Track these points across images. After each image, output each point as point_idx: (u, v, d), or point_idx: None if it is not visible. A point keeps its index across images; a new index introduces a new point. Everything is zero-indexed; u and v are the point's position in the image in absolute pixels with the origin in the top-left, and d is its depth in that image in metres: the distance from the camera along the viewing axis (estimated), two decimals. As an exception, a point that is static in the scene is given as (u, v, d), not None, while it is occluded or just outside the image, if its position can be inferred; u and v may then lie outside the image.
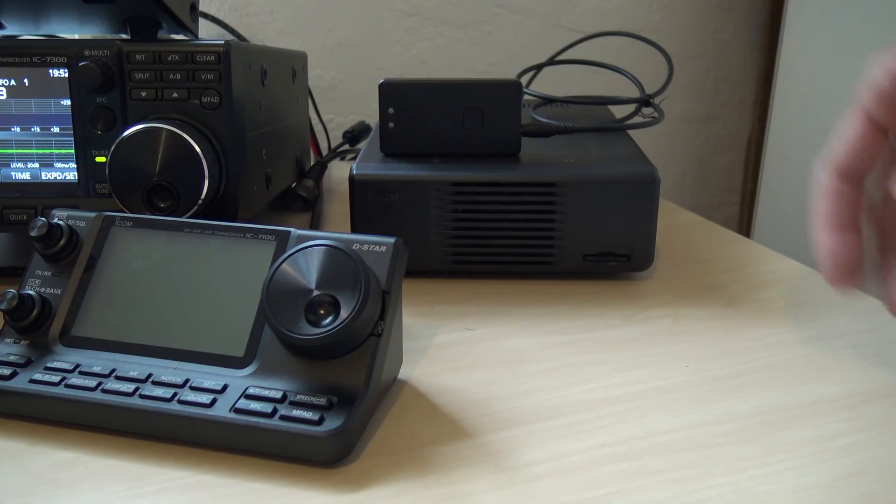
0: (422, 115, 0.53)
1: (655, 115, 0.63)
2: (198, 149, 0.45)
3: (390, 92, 0.53)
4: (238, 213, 0.49)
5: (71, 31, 0.59)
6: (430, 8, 1.06)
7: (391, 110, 0.53)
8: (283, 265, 0.34)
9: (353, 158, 0.72)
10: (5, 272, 0.50)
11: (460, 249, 0.52)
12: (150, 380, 0.34)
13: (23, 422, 0.34)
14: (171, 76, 0.46)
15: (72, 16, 0.51)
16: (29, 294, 0.36)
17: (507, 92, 0.52)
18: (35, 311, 0.36)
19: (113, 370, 0.34)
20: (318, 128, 0.93)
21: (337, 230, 0.37)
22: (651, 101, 0.64)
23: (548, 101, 0.71)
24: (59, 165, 0.48)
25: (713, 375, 0.39)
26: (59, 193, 0.48)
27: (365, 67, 1.07)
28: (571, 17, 1.11)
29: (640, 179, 0.50)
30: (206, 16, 0.95)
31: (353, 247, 0.35)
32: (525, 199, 0.50)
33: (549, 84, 0.79)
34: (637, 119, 0.64)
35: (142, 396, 0.33)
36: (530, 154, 0.54)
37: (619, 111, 0.70)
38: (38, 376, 0.34)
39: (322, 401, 0.32)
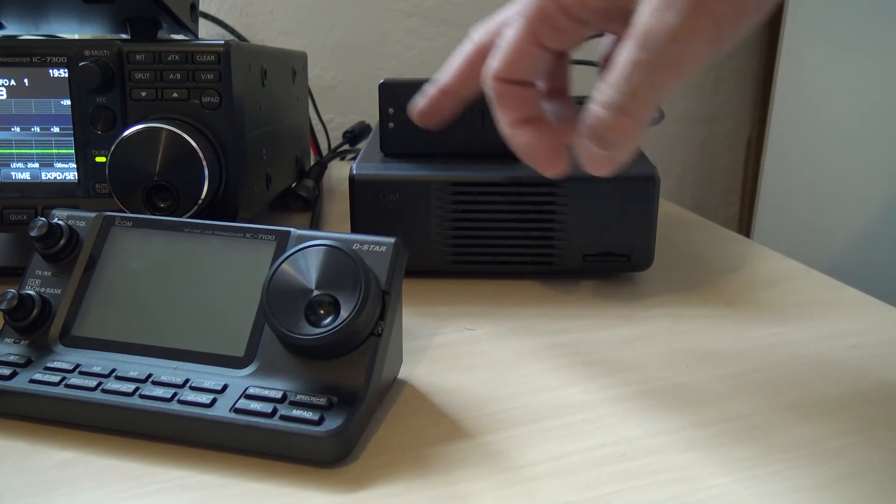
0: None
1: (655, 115, 0.63)
2: (198, 149, 0.45)
3: (390, 92, 0.53)
4: (238, 213, 0.49)
5: (71, 31, 0.59)
6: (430, 8, 1.06)
7: (391, 110, 0.53)
8: (283, 265, 0.34)
9: (353, 158, 0.72)
10: (5, 272, 0.50)
11: (460, 249, 0.52)
12: (150, 380, 0.34)
13: (23, 422, 0.34)
14: (171, 76, 0.46)
15: (72, 16, 0.51)
16: (29, 294, 0.36)
17: None
18: (35, 311, 0.36)
19: (113, 370, 0.34)
20: (318, 128, 0.93)
21: (337, 230, 0.37)
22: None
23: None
24: (59, 165, 0.48)
25: (713, 375, 0.39)
26: (59, 193, 0.48)
27: (365, 67, 1.07)
28: (571, 17, 1.11)
29: (640, 179, 0.50)
30: (206, 16, 0.95)
31: (353, 247, 0.35)
32: (525, 199, 0.50)
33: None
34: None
35: (142, 396, 0.33)
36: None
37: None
38: (38, 376, 0.34)
39: (322, 401, 0.32)
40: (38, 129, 0.48)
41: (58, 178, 0.48)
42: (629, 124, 0.35)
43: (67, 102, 0.47)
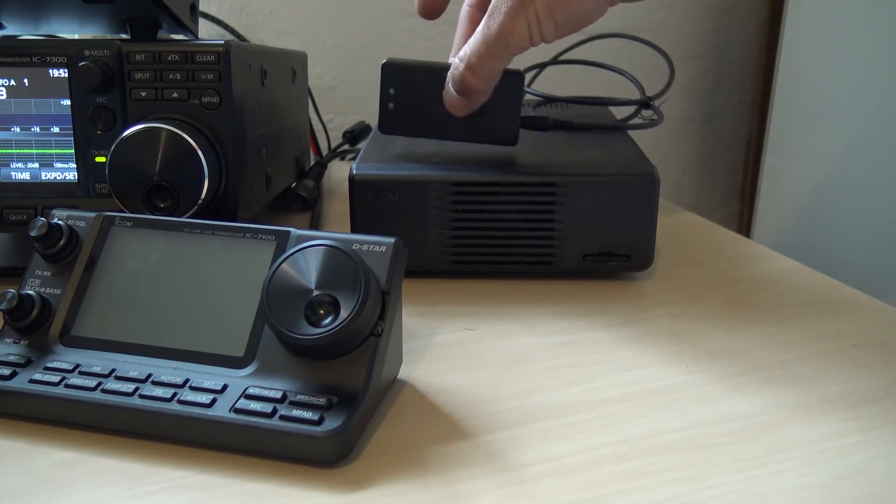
0: (422, 98, 0.53)
1: (655, 116, 0.63)
2: (198, 149, 0.45)
3: (393, 72, 0.53)
4: (238, 213, 0.49)
5: (71, 31, 0.59)
6: (430, 8, 1.06)
7: (392, 90, 0.53)
8: (283, 265, 0.34)
9: (353, 158, 0.72)
10: (5, 272, 0.50)
11: (460, 249, 0.52)
12: (150, 380, 0.34)
13: (23, 422, 0.34)
14: (171, 76, 0.46)
15: (72, 16, 0.51)
16: (29, 294, 0.36)
17: (509, 81, 0.52)
18: (35, 311, 0.36)
19: (113, 370, 0.34)
20: (318, 128, 0.93)
21: (337, 230, 0.37)
22: (651, 103, 0.64)
23: (549, 100, 0.71)
24: (59, 165, 0.48)
25: (713, 375, 0.39)
26: (59, 193, 0.48)
27: (365, 67, 1.07)
28: (571, 17, 1.11)
29: (640, 179, 0.50)
30: (206, 16, 0.95)
31: (353, 247, 0.35)
32: (525, 199, 0.50)
33: (550, 84, 0.79)
34: (636, 121, 0.64)
35: (142, 396, 0.33)
36: (530, 153, 0.54)
37: (619, 112, 0.70)
38: (38, 376, 0.34)
39: (322, 401, 0.32)
40: (38, 129, 0.48)
41: (58, 178, 0.48)
42: (474, 77, 0.47)
43: (67, 102, 0.47)
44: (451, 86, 0.48)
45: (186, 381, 0.34)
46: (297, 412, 0.32)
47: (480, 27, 0.45)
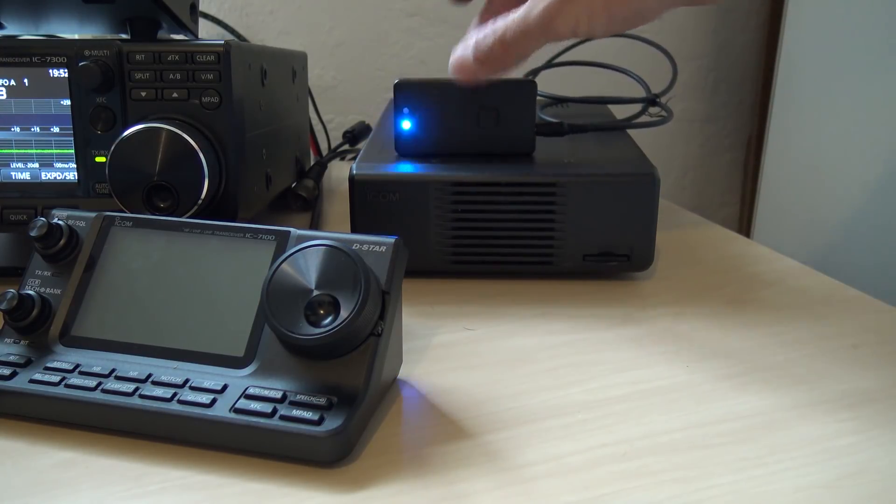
0: (437, 114, 0.53)
1: (663, 114, 0.63)
2: (198, 149, 0.45)
3: (406, 92, 0.53)
4: (238, 213, 0.49)
5: (71, 31, 0.59)
6: (430, 8, 1.06)
7: (406, 110, 0.53)
8: (283, 265, 0.34)
9: (353, 158, 0.72)
10: (5, 272, 0.50)
11: (460, 249, 0.51)
12: (150, 380, 0.34)
13: (23, 422, 0.34)
14: (171, 76, 0.46)
15: (72, 16, 0.51)
16: (29, 294, 0.36)
17: (521, 91, 0.52)
18: (35, 311, 0.36)
19: (113, 370, 0.34)
20: (318, 128, 0.93)
21: (337, 230, 0.37)
22: (658, 100, 0.64)
23: (557, 101, 0.71)
24: (59, 165, 0.48)
25: (713, 375, 0.39)
26: (59, 193, 0.48)
27: (365, 67, 1.07)
28: (571, 17, 1.11)
29: (640, 179, 0.50)
30: (206, 16, 0.95)
31: (353, 247, 0.35)
32: (525, 199, 0.50)
33: (549, 84, 0.79)
34: (645, 118, 0.64)
35: (142, 396, 0.33)
36: (531, 154, 0.54)
37: (623, 111, 0.70)
38: (38, 376, 0.34)
39: (322, 401, 0.32)
40: (38, 129, 0.48)
41: (58, 178, 0.48)
42: (503, 49, 0.43)
43: (67, 102, 0.47)
44: (472, 49, 0.44)
45: (186, 381, 0.34)
46: (297, 412, 0.32)
47: (526, 4, 0.42)
